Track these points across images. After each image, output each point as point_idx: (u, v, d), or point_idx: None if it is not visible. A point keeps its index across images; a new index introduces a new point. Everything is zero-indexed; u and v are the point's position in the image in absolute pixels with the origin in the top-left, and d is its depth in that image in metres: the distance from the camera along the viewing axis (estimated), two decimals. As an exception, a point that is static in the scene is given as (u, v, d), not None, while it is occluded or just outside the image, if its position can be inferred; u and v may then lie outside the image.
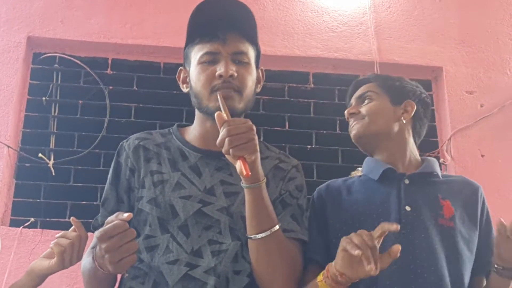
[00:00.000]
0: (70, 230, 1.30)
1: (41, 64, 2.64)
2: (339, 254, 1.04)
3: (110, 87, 2.60)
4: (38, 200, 2.35)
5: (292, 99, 2.62)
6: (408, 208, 1.27)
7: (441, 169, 2.04)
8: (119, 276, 1.25)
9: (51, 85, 2.57)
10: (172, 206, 1.21)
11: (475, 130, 2.67)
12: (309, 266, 1.26)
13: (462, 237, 1.27)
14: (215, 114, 1.04)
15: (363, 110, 1.40)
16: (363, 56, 2.66)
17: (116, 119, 2.53)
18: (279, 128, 2.55)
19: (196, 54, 1.24)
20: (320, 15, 2.78)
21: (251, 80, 1.25)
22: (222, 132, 1.00)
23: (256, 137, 1.03)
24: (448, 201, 1.32)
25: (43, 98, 2.54)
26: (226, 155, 1.02)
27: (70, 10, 2.65)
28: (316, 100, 2.63)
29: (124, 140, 1.33)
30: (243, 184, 1.06)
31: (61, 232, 1.30)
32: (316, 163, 2.53)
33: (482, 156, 2.65)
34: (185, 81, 1.32)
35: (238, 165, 1.02)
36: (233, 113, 1.16)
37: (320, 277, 1.09)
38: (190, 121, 1.37)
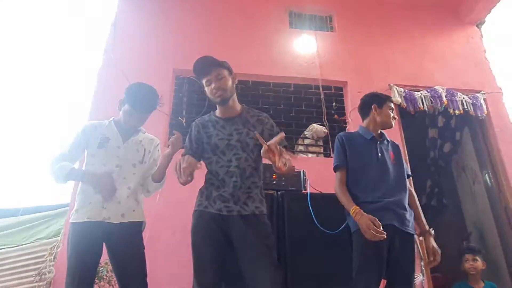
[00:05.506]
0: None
1: (178, 80, 4.20)
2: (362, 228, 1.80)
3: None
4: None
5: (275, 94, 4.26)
6: None
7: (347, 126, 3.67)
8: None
9: (183, 89, 4.16)
10: (215, 143, 1.98)
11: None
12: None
13: None
14: (268, 145, 1.61)
15: None
16: (313, 77, 4.31)
17: (208, 108, 3.64)
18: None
19: (203, 81, 2.04)
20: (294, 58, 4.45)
21: (228, 84, 2.01)
22: (281, 159, 1.62)
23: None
24: None
25: (180, 95, 4.12)
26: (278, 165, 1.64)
27: (191, 51, 4.04)
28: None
29: (195, 121, 2.11)
30: None
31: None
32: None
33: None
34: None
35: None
36: (226, 97, 1.99)
37: (355, 207, 1.94)
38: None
